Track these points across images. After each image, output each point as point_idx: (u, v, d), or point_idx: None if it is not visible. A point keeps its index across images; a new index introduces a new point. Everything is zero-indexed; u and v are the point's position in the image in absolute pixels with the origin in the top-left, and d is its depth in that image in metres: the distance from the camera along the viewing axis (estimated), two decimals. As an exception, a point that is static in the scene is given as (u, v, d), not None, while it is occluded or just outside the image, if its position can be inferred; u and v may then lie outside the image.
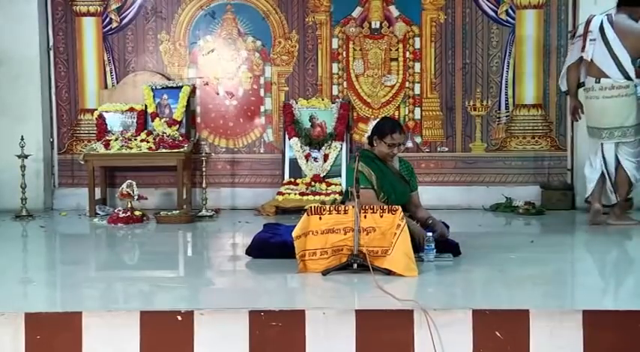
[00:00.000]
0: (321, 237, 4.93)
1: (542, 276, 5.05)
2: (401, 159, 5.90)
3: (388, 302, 4.12)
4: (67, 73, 8.91)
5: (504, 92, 8.69)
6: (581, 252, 6.37)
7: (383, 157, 5.67)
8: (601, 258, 6.03)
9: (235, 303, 4.20)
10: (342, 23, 8.79)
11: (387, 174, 5.65)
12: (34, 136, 8.53)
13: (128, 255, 6.48)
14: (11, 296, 4.63)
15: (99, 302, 4.51)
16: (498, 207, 8.35)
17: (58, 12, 8.86)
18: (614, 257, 6.07)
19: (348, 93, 8.82)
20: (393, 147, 5.62)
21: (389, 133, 5.60)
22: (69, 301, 4.53)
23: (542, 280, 4.94)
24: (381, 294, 4.27)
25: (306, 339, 3.93)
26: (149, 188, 8.51)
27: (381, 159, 5.67)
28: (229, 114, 8.90)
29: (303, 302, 4.42)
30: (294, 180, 8.47)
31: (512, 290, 4.62)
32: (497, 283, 4.86)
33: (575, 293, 4.74)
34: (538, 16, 8.64)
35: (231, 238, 7.21)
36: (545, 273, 5.17)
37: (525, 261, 5.50)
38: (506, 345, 3.90)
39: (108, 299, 4.60)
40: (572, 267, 5.67)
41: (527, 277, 4.98)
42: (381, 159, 5.67)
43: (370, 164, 5.55)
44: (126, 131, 8.57)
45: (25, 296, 4.65)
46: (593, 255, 6.16)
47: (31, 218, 7.99)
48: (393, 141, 5.59)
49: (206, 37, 8.88)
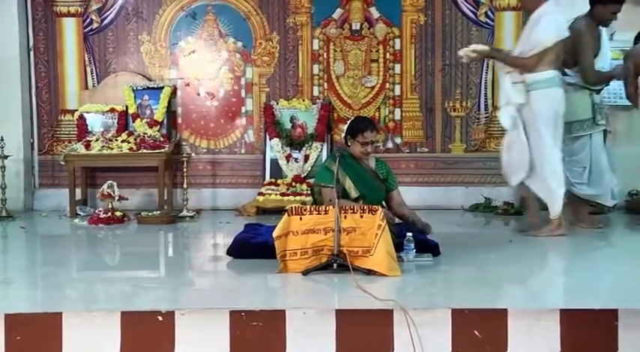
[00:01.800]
0: (301, 237, 4.94)
1: (521, 276, 5.09)
2: (377, 159, 5.92)
3: (368, 301, 4.13)
4: (48, 73, 8.88)
5: (483, 93, 8.74)
6: (559, 252, 6.40)
7: (357, 156, 5.69)
8: (578, 257, 6.07)
9: (216, 303, 4.21)
10: (322, 24, 8.81)
11: (362, 173, 5.67)
12: (14, 137, 8.49)
13: (109, 256, 6.47)
14: (-9, 297, 4.64)
15: (79, 302, 4.50)
16: (477, 208, 8.40)
17: (38, 12, 8.83)
18: (591, 257, 6.11)
19: (329, 95, 8.84)
20: (365, 145, 5.65)
21: (361, 132, 5.65)
22: (49, 302, 4.49)
23: (520, 279, 4.98)
24: (361, 294, 4.28)
25: (286, 339, 3.94)
26: (130, 188, 8.48)
27: (357, 159, 5.70)
28: (210, 115, 8.89)
29: (283, 302, 4.42)
30: (275, 180, 8.47)
31: (490, 290, 4.64)
32: (476, 283, 4.88)
33: (553, 293, 4.77)
34: (517, 18, 8.68)
35: (212, 238, 7.21)
36: (524, 273, 5.20)
37: (504, 261, 5.54)
38: (484, 344, 3.93)
39: (88, 300, 4.58)
40: (549, 267, 5.71)
41: (506, 277, 5.02)
42: (356, 159, 5.69)
43: (344, 163, 5.56)
44: (107, 132, 8.55)
45: (4, 297, 4.61)
46: (570, 255, 6.19)
47: (11, 219, 7.97)
48: (365, 140, 5.63)
49: (187, 38, 8.87)
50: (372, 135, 5.67)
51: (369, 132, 5.65)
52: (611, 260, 5.98)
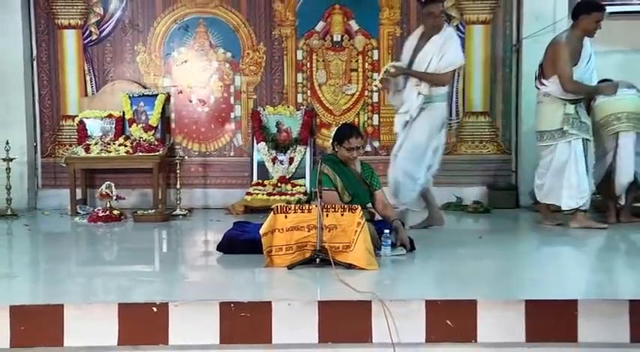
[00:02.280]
0: (286, 234, 4.95)
1: (489, 269, 5.10)
2: (363, 163, 5.92)
3: (348, 293, 4.14)
4: (50, 81, 8.83)
5: (455, 100, 8.73)
6: (525, 247, 6.43)
7: (345, 161, 5.70)
8: (542, 252, 6.11)
9: (207, 295, 4.20)
10: (306, 36, 8.80)
11: (350, 177, 5.67)
12: (18, 141, 8.44)
13: (107, 252, 6.44)
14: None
15: (80, 295, 4.49)
16: (449, 206, 8.40)
17: (40, 25, 8.79)
18: (554, 251, 6.14)
19: (312, 101, 8.84)
20: (351, 151, 5.65)
21: (347, 138, 5.64)
22: (51, 294, 4.49)
23: (489, 273, 4.99)
24: (342, 287, 4.29)
25: (272, 328, 3.94)
26: (127, 189, 8.45)
27: (344, 163, 5.70)
28: (201, 121, 8.87)
29: (269, 295, 4.42)
30: (262, 181, 8.46)
31: (461, 283, 4.65)
32: (448, 276, 4.90)
33: (519, 285, 4.79)
34: (485, 31, 8.71)
35: (203, 235, 7.20)
36: (492, 267, 5.22)
37: (474, 256, 5.56)
38: (456, 332, 3.94)
39: (88, 293, 4.58)
40: (516, 261, 5.72)
41: (476, 270, 5.03)
42: (344, 163, 5.70)
43: (334, 167, 5.58)
44: (105, 136, 8.52)
45: (10, 290, 4.59)
46: (535, 250, 6.23)
47: (15, 217, 7.93)
48: (350, 146, 5.63)
49: (180, 48, 8.85)
50: (357, 141, 5.67)
51: (354, 139, 5.66)
52: (570, 254, 6.02)
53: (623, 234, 6.60)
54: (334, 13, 8.79)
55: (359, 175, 5.78)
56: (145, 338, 3.95)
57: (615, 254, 5.92)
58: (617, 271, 5.21)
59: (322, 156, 5.69)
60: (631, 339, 3.94)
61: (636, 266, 5.23)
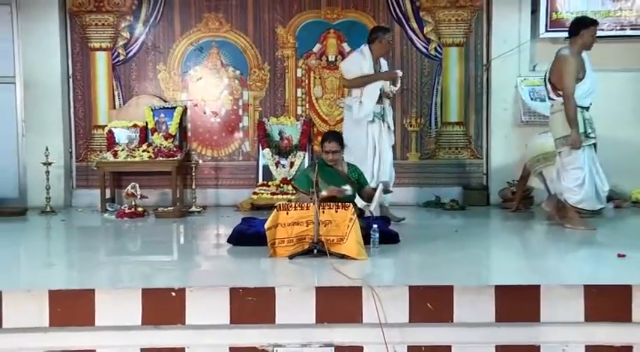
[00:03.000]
0: (288, 228, 4.94)
1: (464, 259, 5.09)
2: (349, 164, 5.92)
3: (342, 280, 4.13)
4: (83, 96, 8.81)
5: (434, 112, 8.74)
6: (495, 239, 6.42)
7: (329, 163, 5.69)
8: (510, 243, 6.10)
9: (218, 282, 4.19)
10: (304, 56, 8.78)
11: (335, 177, 5.65)
12: (56, 147, 8.43)
13: (132, 244, 6.43)
14: (37, 277, 4.62)
15: (108, 281, 4.48)
16: (429, 204, 8.38)
17: (76, 47, 8.77)
18: (521, 242, 6.14)
19: (310, 113, 8.82)
20: (328, 153, 5.66)
21: (323, 143, 5.73)
22: (84, 280, 4.49)
23: (464, 262, 4.98)
24: (336, 274, 4.28)
25: (275, 310, 3.94)
26: (149, 189, 8.42)
27: (331, 166, 5.69)
28: (214, 130, 8.85)
29: (273, 281, 4.41)
30: (267, 182, 8.44)
31: (440, 270, 4.65)
32: (429, 265, 4.90)
33: (490, 272, 4.79)
34: (460, 52, 8.70)
35: (215, 229, 7.17)
36: (466, 256, 5.20)
37: (451, 247, 5.54)
38: (435, 314, 3.94)
39: (115, 279, 4.57)
40: (487, 251, 5.73)
41: (452, 259, 5.02)
42: (330, 165, 5.68)
43: (322, 170, 5.56)
44: (130, 143, 8.50)
45: (48, 277, 4.58)
46: (504, 241, 6.22)
47: (53, 213, 7.91)
48: (326, 149, 5.67)
49: (195, 67, 8.83)
50: (331, 145, 5.67)
51: (328, 143, 5.68)
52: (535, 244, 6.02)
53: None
54: (329, 37, 8.77)
55: (345, 175, 5.76)
56: (164, 318, 3.95)
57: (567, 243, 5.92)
58: (572, 258, 5.21)
59: (313, 161, 5.72)
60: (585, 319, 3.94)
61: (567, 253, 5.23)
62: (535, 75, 8.32)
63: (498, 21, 8.48)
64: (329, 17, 8.76)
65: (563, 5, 8.25)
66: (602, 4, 8.23)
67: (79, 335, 3.95)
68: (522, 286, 4.03)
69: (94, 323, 3.92)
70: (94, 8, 8.74)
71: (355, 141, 6.74)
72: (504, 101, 8.48)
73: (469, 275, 4.54)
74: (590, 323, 3.95)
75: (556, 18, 8.22)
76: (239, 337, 3.97)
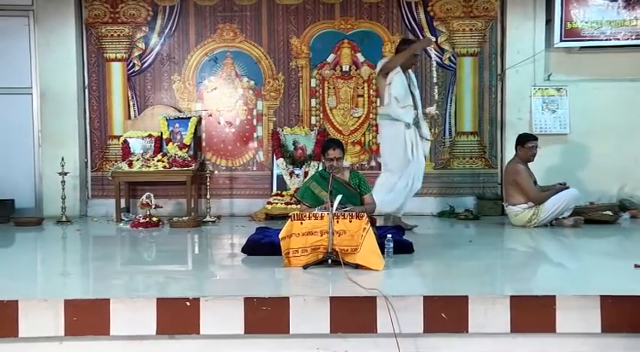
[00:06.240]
0: (302, 238, 4.92)
1: (479, 269, 5.07)
2: (352, 171, 5.92)
3: (356, 290, 4.11)
4: (99, 106, 8.88)
5: (448, 122, 8.74)
6: (509, 249, 6.39)
7: (331, 171, 5.65)
8: (525, 253, 6.06)
9: (233, 291, 4.18)
10: (318, 67, 8.81)
11: (336, 185, 5.57)
12: (71, 157, 8.51)
13: (147, 253, 6.43)
14: (53, 286, 4.64)
15: (123, 290, 4.48)
16: (444, 214, 8.38)
17: (92, 58, 8.85)
18: (536, 252, 6.10)
19: (324, 123, 8.84)
20: (331, 161, 5.62)
21: (326, 150, 5.68)
22: (99, 290, 4.50)
23: (478, 272, 4.96)
24: (350, 284, 4.27)
25: (290, 320, 3.92)
26: (164, 199, 8.48)
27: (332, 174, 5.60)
28: (228, 140, 8.89)
29: (287, 291, 4.40)
30: (281, 192, 8.45)
31: (454, 280, 4.63)
32: (443, 274, 4.87)
33: (505, 282, 4.76)
34: (474, 62, 8.71)
35: (229, 239, 7.17)
36: (481, 266, 5.18)
37: (465, 257, 5.52)
38: (450, 324, 3.91)
39: (130, 288, 4.56)
40: (502, 262, 5.69)
41: (467, 269, 5.00)
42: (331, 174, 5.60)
43: (320, 181, 5.52)
44: (145, 153, 8.54)
45: (64, 286, 4.61)
46: (519, 252, 6.19)
47: (69, 223, 7.96)
48: (329, 157, 5.64)
49: (210, 77, 8.88)
50: (334, 153, 5.64)
51: (332, 151, 5.64)
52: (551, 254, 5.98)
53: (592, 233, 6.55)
54: (343, 47, 8.80)
55: (346, 183, 5.75)
56: (179, 328, 3.94)
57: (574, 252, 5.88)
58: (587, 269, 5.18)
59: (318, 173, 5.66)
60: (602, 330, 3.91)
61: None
62: (550, 84, 8.31)
63: (513, 31, 8.49)
64: (343, 28, 8.78)
65: (577, 15, 8.22)
66: (618, 13, 8.19)
67: (94, 345, 3.95)
68: (538, 296, 4.00)
69: (109, 333, 3.91)
70: (110, 19, 8.82)
71: (395, 148, 6.85)
72: (519, 111, 8.46)
73: (484, 284, 4.52)
74: (606, 334, 3.91)
75: (571, 28, 8.20)
76: (253, 347, 3.96)
